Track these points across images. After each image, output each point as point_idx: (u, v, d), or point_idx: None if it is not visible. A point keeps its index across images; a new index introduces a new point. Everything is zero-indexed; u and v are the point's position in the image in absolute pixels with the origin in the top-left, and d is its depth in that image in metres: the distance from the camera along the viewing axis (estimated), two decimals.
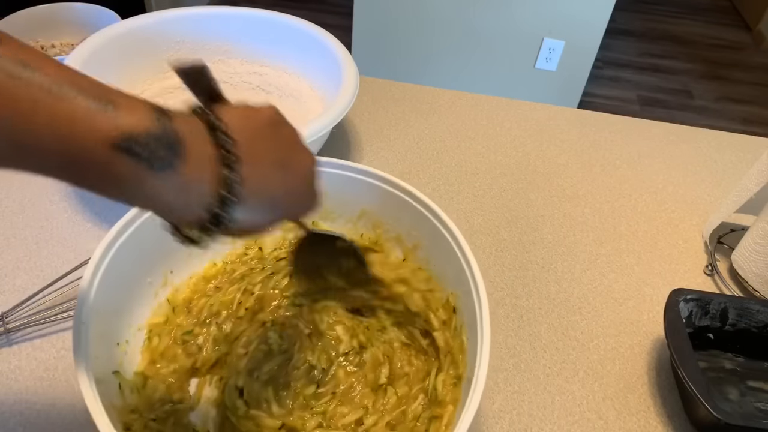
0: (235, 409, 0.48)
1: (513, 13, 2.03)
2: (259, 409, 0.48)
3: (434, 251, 0.54)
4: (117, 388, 0.44)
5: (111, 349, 0.46)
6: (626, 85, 2.71)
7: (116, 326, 0.48)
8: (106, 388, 0.42)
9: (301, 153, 0.37)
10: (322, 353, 0.53)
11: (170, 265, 0.54)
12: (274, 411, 0.48)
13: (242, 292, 0.55)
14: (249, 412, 0.48)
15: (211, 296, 0.54)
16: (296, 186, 0.37)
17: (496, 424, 0.53)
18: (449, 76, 2.24)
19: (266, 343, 0.52)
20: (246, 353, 0.51)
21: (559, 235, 0.73)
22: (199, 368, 0.50)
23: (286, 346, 0.52)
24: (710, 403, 0.48)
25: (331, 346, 0.53)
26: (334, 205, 0.59)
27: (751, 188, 0.67)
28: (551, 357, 0.59)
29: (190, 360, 0.50)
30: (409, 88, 0.95)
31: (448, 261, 0.52)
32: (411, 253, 0.57)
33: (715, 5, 3.53)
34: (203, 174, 0.30)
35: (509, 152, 0.85)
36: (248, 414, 0.47)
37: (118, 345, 0.47)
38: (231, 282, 0.56)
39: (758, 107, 2.66)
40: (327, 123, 0.66)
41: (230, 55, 0.86)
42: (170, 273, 0.54)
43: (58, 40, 0.91)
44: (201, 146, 0.30)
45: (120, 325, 0.48)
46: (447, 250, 0.52)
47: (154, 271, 0.53)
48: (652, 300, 0.66)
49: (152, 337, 0.50)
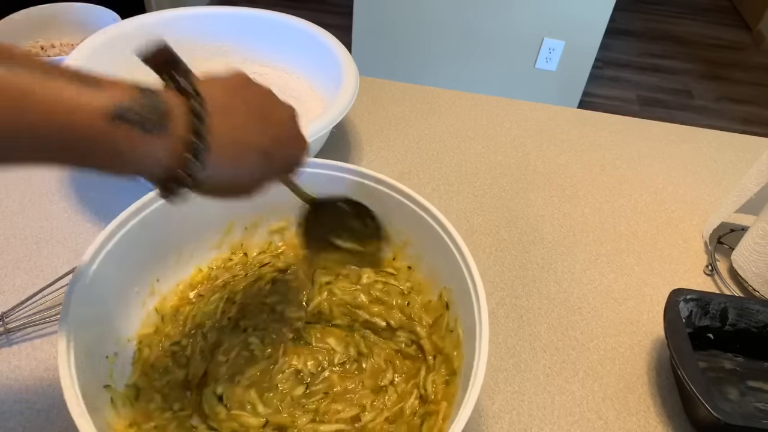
0: (215, 414, 0.47)
1: (513, 13, 2.03)
2: (243, 410, 0.47)
3: (425, 246, 0.54)
4: (109, 402, 0.44)
5: (100, 362, 0.45)
6: (626, 85, 2.71)
7: (104, 339, 0.47)
8: (97, 402, 0.41)
9: (277, 104, 0.41)
10: (309, 357, 0.52)
11: (157, 273, 0.53)
12: (259, 411, 0.47)
13: (225, 301, 0.54)
14: (230, 413, 0.47)
15: (194, 305, 0.54)
16: (278, 133, 0.39)
17: (496, 424, 0.53)
18: (449, 76, 2.24)
19: (248, 349, 0.51)
20: (227, 360, 0.50)
21: (559, 235, 0.73)
22: (190, 380, 0.49)
23: (270, 351, 0.52)
24: (710, 403, 0.48)
25: (320, 353, 0.52)
26: None
27: (751, 188, 0.67)
28: (551, 357, 0.59)
29: (182, 372, 0.49)
30: (409, 88, 0.95)
31: (439, 254, 0.52)
32: (401, 251, 0.57)
33: (715, 5, 3.53)
34: (181, 132, 0.33)
35: (509, 152, 0.85)
36: (230, 415, 0.47)
37: (107, 358, 0.46)
38: (213, 290, 0.55)
39: (758, 107, 2.66)
40: (327, 123, 0.66)
41: (230, 55, 0.86)
42: (157, 282, 0.53)
43: (58, 40, 0.91)
44: (179, 108, 0.33)
45: (108, 337, 0.47)
46: (438, 242, 0.51)
47: (141, 281, 0.51)
48: (652, 300, 0.66)
49: (143, 349, 0.50)
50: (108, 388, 0.45)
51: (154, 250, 0.52)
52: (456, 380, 0.47)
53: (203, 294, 0.55)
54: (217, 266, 0.57)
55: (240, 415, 0.47)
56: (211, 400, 0.47)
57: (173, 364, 0.49)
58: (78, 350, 0.40)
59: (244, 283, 0.56)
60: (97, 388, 0.43)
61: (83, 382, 0.39)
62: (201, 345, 0.51)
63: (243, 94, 0.38)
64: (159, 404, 0.47)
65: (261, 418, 0.47)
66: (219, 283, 0.56)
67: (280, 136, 0.40)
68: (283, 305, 0.55)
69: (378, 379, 0.51)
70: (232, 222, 0.58)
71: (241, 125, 0.37)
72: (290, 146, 0.42)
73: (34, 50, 0.88)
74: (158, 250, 0.53)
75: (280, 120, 0.40)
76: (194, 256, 0.56)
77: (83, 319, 0.42)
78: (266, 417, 0.47)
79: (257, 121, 0.38)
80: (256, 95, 0.39)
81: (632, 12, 3.30)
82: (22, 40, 0.88)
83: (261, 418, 0.47)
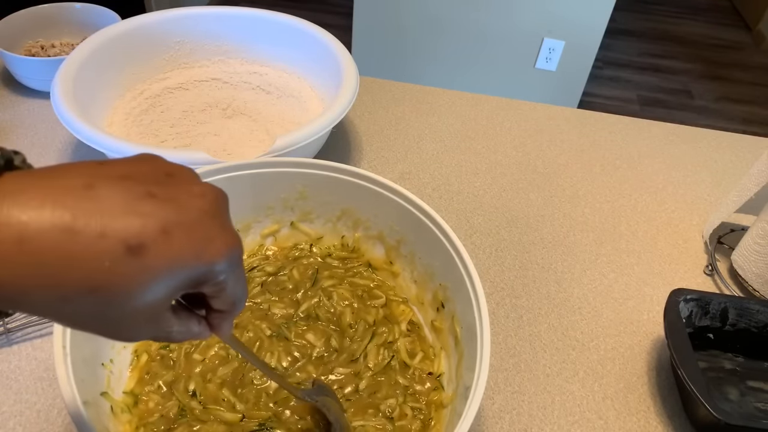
0: (190, 410, 0.47)
1: (513, 13, 2.03)
2: (218, 405, 0.47)
3: (419, 244, 0.54)
4: (109, 410, 0.44)
5: (96, 370, 0.45)
6: (626, 85, 2.71)
7: (99, 346, 0.46)
8: (96, 410, 0.41)
9: (187, 183, 0.27)
10: (284, 353, 0.52)
11: None
12: (236, 407, 0.47)
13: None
14: (206, 408, 0.47)
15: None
16: (173, 223, 0.24)
17: (496, 424, 0.53)
18: (449, 76, 2.24)
19: (224, 348, 0.51)
20: (203, 360, 0.50)
21: (559, 235, 0.73)
22: (174, 382, 0.49)
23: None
24: (710, 403, 0.48)
25: (298, 349, 0.52)
26: (313, 207, 0.59)
27: (751, 188, 0.67)
28: (551, 357, 0.59)
29: (169, 373, 0.49)
30: (409, 88, 0.95)
31: (435, 251, 0.52)
32: (394, 250, 0.57)
33: (715, 5, 3.53)
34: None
35: (509, 152, 0.85)
36: (205, 411, 0.47)
37: (103, 365, 0.46)
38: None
39: (758, 107, 2.66)
40: (327, 123, 0.66)
41: (230, 55, 0.86)
42: None
43: (58, 40, 0.91)
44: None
45: (103, 344, 0.47)
46: (432, 240, 0.52)
47: None
48: (652, 300, 0.66)
49: (140, 354, 0.50)
50: (105, 395, 0.45)
51: None
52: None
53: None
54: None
55: (215, 409, 0.47)
56: (184, 398, 0.48)
57: (160, 367, 0.50)
58: (75, 359, 0.40)
59: None
60: (94, 396, 0.43)
61: (83, 390, 0.39)
62: (186, 347, 0.51)
63: (125, 161, 0.26)
64: (155, 404, 0.47)
65: (237, 414, 0.47)
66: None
67: (172, 222, 0.24)
68: (269, 303, 0.55)
69: (352, 354, 0.52)
70: None
71: (93, 186, 0.23)
72: (195, 240, 0.25)
73: (33, 50, 0.88)
74: None
75: (176, 197, 0.25)
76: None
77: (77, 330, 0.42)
78: (242, 412, 0.47)
79: (129, 191, 0.24)
80: (144, 161, 0.26)
81: (632, 12, 3.30)
82: (22, 39, 0.89)
83: (237, 413, 0.47)
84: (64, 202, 0.22)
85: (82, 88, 0.68)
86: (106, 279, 0.23)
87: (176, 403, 0.47)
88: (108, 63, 0.75)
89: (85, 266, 0.22)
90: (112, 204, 0.23)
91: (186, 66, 0.85)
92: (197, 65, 0.85)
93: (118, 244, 0.22)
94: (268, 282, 0.57)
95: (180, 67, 0.84)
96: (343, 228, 0.60)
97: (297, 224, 0.60)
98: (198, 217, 0.25)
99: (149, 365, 0.50)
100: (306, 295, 0.56)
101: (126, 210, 0.23)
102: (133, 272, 0.23)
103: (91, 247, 0.22)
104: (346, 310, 0.55)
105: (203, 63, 0.86)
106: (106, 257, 0.22)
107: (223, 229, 0.26)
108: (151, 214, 0.23)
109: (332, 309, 0.55)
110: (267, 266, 0.58)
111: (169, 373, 0.49)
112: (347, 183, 0.55)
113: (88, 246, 0.22)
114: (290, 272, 0.58)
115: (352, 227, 0.59)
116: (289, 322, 0.54)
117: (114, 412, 0.44)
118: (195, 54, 0.85)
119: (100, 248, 0.22)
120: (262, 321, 0.54)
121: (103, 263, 0.22)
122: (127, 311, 0.24)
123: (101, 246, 0.22)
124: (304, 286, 0.57)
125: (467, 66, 2.21)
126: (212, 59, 0.86)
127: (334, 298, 0.56)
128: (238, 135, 0.77)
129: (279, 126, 0.79)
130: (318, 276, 0.58)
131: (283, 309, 0.55)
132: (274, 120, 0.80)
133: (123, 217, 0.23)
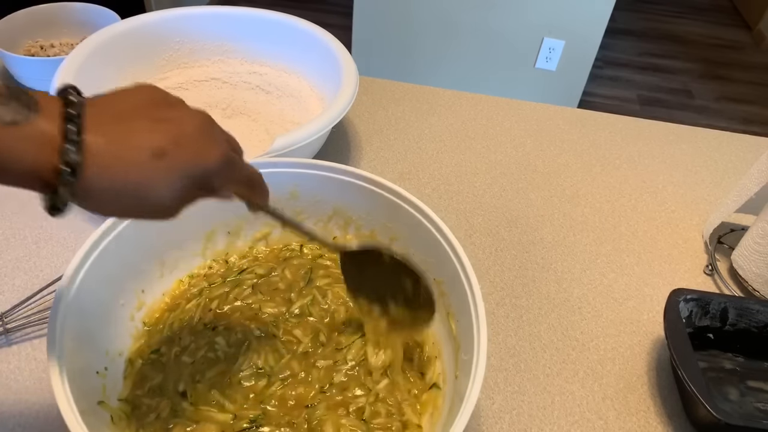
0: (181, 411, 0.47)
1: (513, 12, 2.03)
2: (209, 406, 0.47)
3: (413, 241, 0.54)
4: (109, 419, 0.44)
5: (91, 378, 0.45)
6: (626, 85, 2.71)
7: (93, 354, 0.46)
8: (94, 419, 0.41)
9: (176, 104, 0.37)
10: (270, 351, 0.52)
11: (141, 284, 0.53)
12: (226, 407, 0.47)
13: (201, 309, 0.54)
14: (197, 409, 0.47)
15: (173, 312, 0.54)
16: (177, 133, 0.34)
17: (496, 424, 0.53)
18: (449, 76, 2.24)
19: (213, 350, 0.51)
20: (192, 362, 0.50)
21: (559, 235, 0.73)
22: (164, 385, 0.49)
23: (233, 351, 0.51)
24: (710, 403, 0.48)
25: (284, 345, 0.52)
26: (304, 206, 0.58)
27: (751, 188, 0.67)
28: (551, 357, 0.59)
29: (159, 377, 0.49)
30: (409, 88, 0.95)
31: (429, 248, 0.52)
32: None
33: (715, 5, 3.53)
34: (51, 122, 0.31)
35: (509, 152, 0.85)
36: (197, 411, 0.47)
37: (98, 374, 0.46)
38: (189, 299, 0.55)
39: (758, 107, 2.66)
40: (327, 123, 0.66)
41: (230, 55, 0.86)
42: (142, 293, 0.53)
43: (58, 40, 0.91)
44: (48, 100, 0.32)
45: (97, 352, 0.47)
46: (426, 236, 0.51)
47: (125, 293, 0.51)
48: (652, 300, 0.66)
49: (135, 361, 0.50)
50: (102, 404, 0.44)
51: (134, 262, 0.52)
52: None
53: (179, 303, 0.55)
54: (198, 274, 0.57)
55: (206, 410, 0.47)
56: (174, 398, 0.47)
57: (152, 371, 0.49)
58: (70, 369, 0.40)
59: (220, 290, 0.56)
60: (90, 404, 0.43)
61: (79, 400, 0.39)
62: (176, 350, 0.51)
63: (132, 93, 0.36)
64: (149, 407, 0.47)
65: (228, 414, 0.47)
66: (195, 291, 0.56)
67: (179, 136, 0.34)
68: (260, 303, 0.55)
69: (336, 344, 0.52)
70: (213, 229, 0.58)
71: (125, 116, 0.33)
72: (196, 149, 0.35)
73: (33, 50, 0.88)
74: (139, 262, 0.53)
75: (179, 119, 0.35)
76: (178, 266, 0.56)
77: (71, 336, 0.42)
78: (233, 412, 0.47)
79: (146, 118, 0.34)
80: (145, 92, 0.36)
81: (632, 12, 3.30)
82: (22, 39, 0.88)
83: (228, 414, 0.47)
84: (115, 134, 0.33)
85: (81, 88, 0.68)
86: (144, 176, 0.33)
87: (168, 403, 0.47)
88: (107, 63, 0.75)
89: (130, 169, 0.33)
90: (141, 128, 0.34)
91: (186, 66, 0.85)
92: (197, 65, 0.85)
93: (148, 151, 0.33)
94: (259, 284, 0.57)
95: (180, 67, 0.84)
96: (335, 227, 0.60)
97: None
98: (197, 132, 0.36)
99: (142, 369, 0.49)
100: (300, 294, 0.56)
101: (151, 129, 0.34)
102: (158, 170, 0.33)
103: (132, 157, 0.33)
104: (340, 308, 0.55)
105: (203, 63, 0.86)
106: (142, 159, 0.33)
107: (214, 141, 0.37)
108: (167, 131, 0.34)
109: (326, 306, 0.55)
110: (257, 268, 0.58)
111: (159, 376, 0.49)
112: (339, 182, 0.55)
113: (132, 156, 0.33)
114: (282, 273, 0.58)
115: (343, 226, 0.59)
116: (278, 319, 0.54)
117: (114, 421, 0.44)
118: (195, 54, 0.85)
119: (137, 156, 0.33)
120: (252, 321, 0.54)
121: (140, 165, 0.33)
122: (157, 201, 0.34)
123: (138, 155, 0.33)
124: (298, 286, 0.57)
125: (467, 65, 2.21)
126: (212, 59, 0.86)
127: (329, 296, 0.56)
128: (237, 135, 0.76)
129: (279, 126, 0.79)
130: (312, 275, 0.57)
131: (275, 308, 0.55)
132: (274, 120, 0.80)
133: (149, 134, 0.34)
